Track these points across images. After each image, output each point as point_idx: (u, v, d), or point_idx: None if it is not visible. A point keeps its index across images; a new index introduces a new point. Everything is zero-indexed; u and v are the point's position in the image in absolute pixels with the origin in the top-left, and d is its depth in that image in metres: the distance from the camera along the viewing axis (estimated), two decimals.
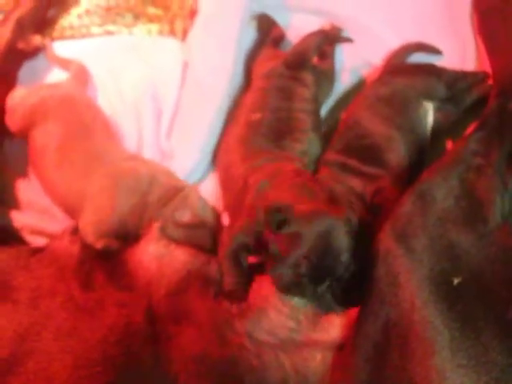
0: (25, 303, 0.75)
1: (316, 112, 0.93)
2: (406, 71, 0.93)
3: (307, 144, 0.88)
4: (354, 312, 0.68)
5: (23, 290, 0.76)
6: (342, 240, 0.66)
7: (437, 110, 0.88)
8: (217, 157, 0.94)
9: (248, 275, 0.74)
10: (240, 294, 0.73)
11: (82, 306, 0.74)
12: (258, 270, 0.74)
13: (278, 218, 0.68)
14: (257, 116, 0.89)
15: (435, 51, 0.98)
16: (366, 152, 0.83)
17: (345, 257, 0.66)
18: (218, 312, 0.72)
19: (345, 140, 0.87)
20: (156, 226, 0.81)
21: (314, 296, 0.68)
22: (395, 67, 0.96)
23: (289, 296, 0.69)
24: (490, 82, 0.90)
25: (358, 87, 1.00)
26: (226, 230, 0.80)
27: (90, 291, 0.76)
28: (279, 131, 0.87)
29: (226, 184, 0.88)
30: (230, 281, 0.74)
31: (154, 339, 0.70)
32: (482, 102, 0.85)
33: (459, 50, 0.99)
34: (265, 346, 0.68)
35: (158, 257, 0.79)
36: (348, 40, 1.01)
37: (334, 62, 1.00)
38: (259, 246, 0.72)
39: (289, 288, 0.68)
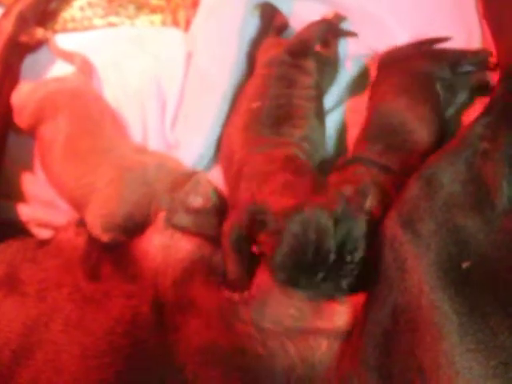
0: (32, 296, 0.75)
1: (319, 98, 0.93)
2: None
3: (307, 130, 0.87)
4: (357, 299, 0.68)
5: (31, 283, 0.76)
6: (324, 230, 0.65)
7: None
8: (220, 146, 0.94)
9: (250, 264, 0.74)
10: (242, 282, 0.73)
11: (89, 297, 0.74)
12: (261, 258, 0.74)
13: (259, 218, 0.68)
14: (257, 104, 0.88)
15: (443, 40, 0.96)
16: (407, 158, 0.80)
17: (328, 245, 0.65)
18: (224, 301, 0.72)
19: (383, 140, 0.83)
20: (161, 215, 0.81)
21: (310, 287, 0.68)
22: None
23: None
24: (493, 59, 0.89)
25: (364, 75, 0.99)
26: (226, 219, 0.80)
27: (97, 282, 0.76)
28: (278, 118, 0.86)
29: (227, 173, 0.88)
30: (232, 270, 0.74)
31: (161, 330, 0.70)
32: (487, 86, 0.84)
33: (464, 35, 0.97)
34: (270, 334, 0.68)
35: (163, 247, 0.79)
36: (351, 34, 1.00)
37: (337, 49, 0.99)
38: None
39: (283, 282, 0.68)
